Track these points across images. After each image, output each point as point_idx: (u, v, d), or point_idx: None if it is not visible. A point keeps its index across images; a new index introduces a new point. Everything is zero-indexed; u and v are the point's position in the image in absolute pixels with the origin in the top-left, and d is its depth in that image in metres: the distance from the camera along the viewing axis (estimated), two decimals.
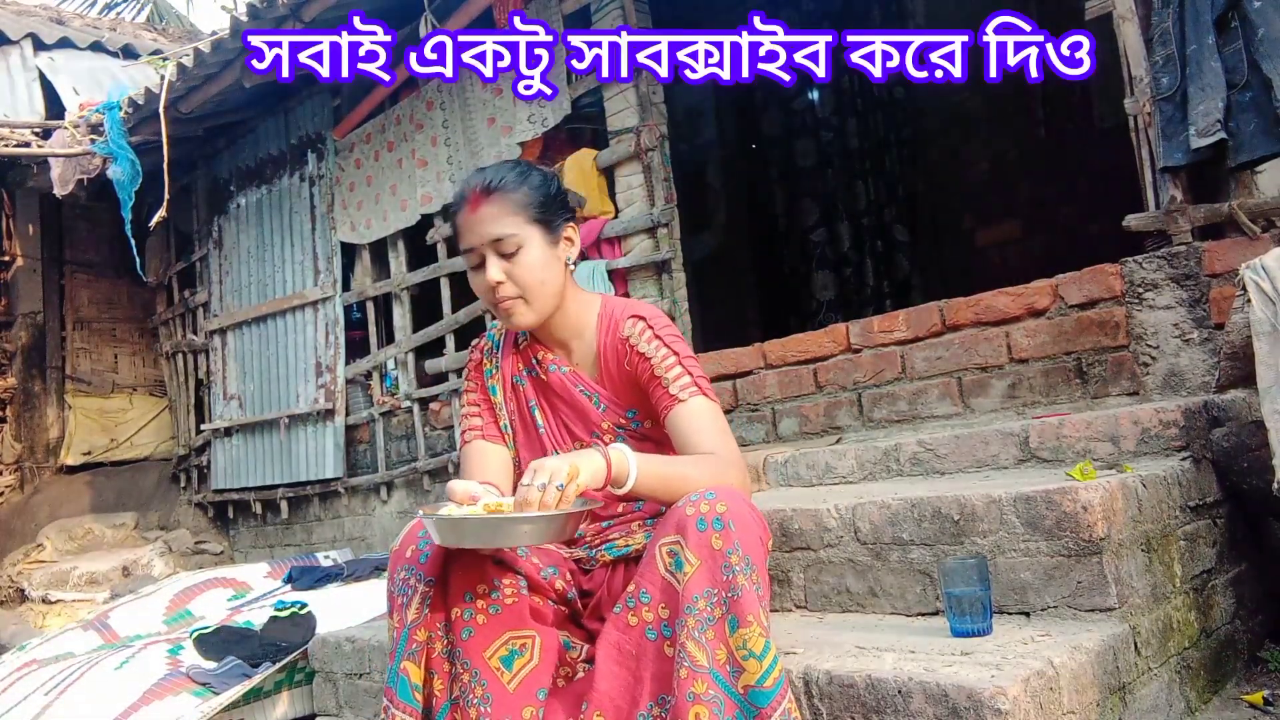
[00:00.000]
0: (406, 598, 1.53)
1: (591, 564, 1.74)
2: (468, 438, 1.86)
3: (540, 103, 4.19)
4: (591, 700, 1.46)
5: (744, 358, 3.41)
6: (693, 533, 1.40)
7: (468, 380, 1.92)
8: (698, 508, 1.42)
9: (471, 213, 1.71)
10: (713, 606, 1.37)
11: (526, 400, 1.84)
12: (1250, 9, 2.43)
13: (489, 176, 1.73)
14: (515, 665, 1.52)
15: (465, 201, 1.72)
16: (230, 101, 5.36)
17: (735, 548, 1.38)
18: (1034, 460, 2.23)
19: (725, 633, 1.36)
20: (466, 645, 1.51)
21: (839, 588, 1.99)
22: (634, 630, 1.46)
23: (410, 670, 1.51)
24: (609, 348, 1.77)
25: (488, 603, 1.54)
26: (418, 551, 1.55)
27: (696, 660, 1.35)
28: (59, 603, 5.31)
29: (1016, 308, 2.77)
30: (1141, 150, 2.67)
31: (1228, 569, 2.05)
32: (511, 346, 1.89)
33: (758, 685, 1.34)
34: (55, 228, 7.17)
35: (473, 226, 1.71)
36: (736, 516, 1.41)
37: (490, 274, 1.69)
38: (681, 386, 1.66)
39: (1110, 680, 1.57)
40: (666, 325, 1.75)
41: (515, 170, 1.75)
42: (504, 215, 1.69)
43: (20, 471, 6.95)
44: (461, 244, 1.74)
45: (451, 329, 4.72)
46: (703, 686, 1.34)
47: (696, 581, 1.38)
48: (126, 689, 2.81)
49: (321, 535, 5.47)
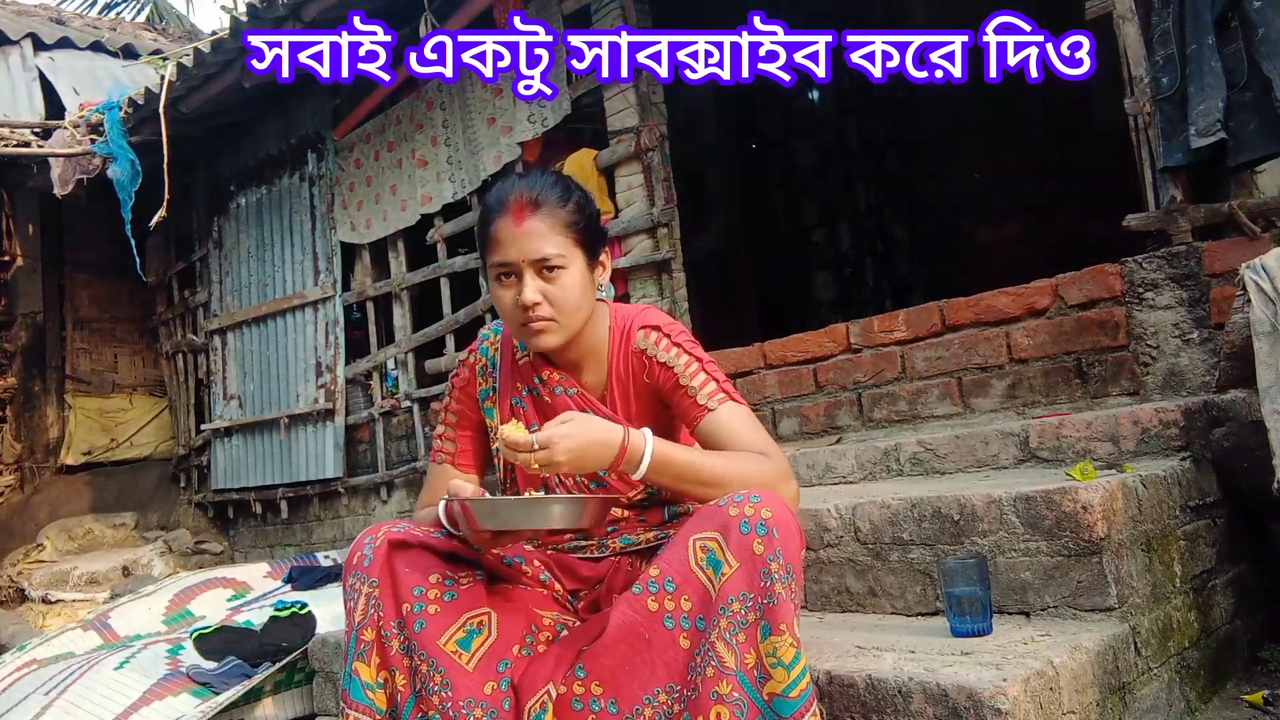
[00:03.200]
0: (354, 601, 1.56)
1: (601, 551, 1.74)
2: (438, 459, 1.82)
3: (540, 103, 4.19)
4: (592, 670, 1.46)
5: (744, 358, 3.41)
6: (735, 534, 1.39)
7: (450, 397, 1.83)
8: (742, 510, 1.40)
9: (516, 225, 1.59)
10: (747, 610, 1.36)
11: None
12: (1250, 9, 2.43)
13: (535, 188, 1.61)
14: (474, 644, 1.53)
15: (507, 210, 1.60)
16: (230, 101, 5.36)
17: (777, 554, 1.37)
18: (1034, 460, 2.24)
19: (757, 638, 1.35)
20: (420, 637, 1.51)
21: (839, 588, 1.99)
22: (653, 616, 1.45)
23: (361, 670, 1.53)
24: (622, 362, 1.72)
25: (441, 591, 1.55)
26: (362, 557, 1.57)
27: (724, 661, 1.35)
28: (59, 603, 5.31)
29: (1016, 308, 2.77)
30: (1141, 150, 2.67)
31: (1228, 569, 2.05)
32: (510, 364, 1.79)
33: (783, 695, 1.33)
34: (55, 228, 7.17)
35: (516, 240, 1.59)
36: (781, 524, 1.39)
37: (527, 294, 1.59)
38: (709, 394, 1.61)
39: (1110, 680, 1.57)
40: (681, 331, 1.71)
41: (559, 185, 1.65)
42: (551, 234, 1.59)
43: (20, 471, 6.94)
44: (496, 255, 1.61)
45: (451, 329, 4.72)
46: (727, 688, 1.34)
47: (734, 583, 1.37)
48: (126, 689, 2.81)
49: (321, 535, 5.47)
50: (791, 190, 6.41)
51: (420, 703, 1.50)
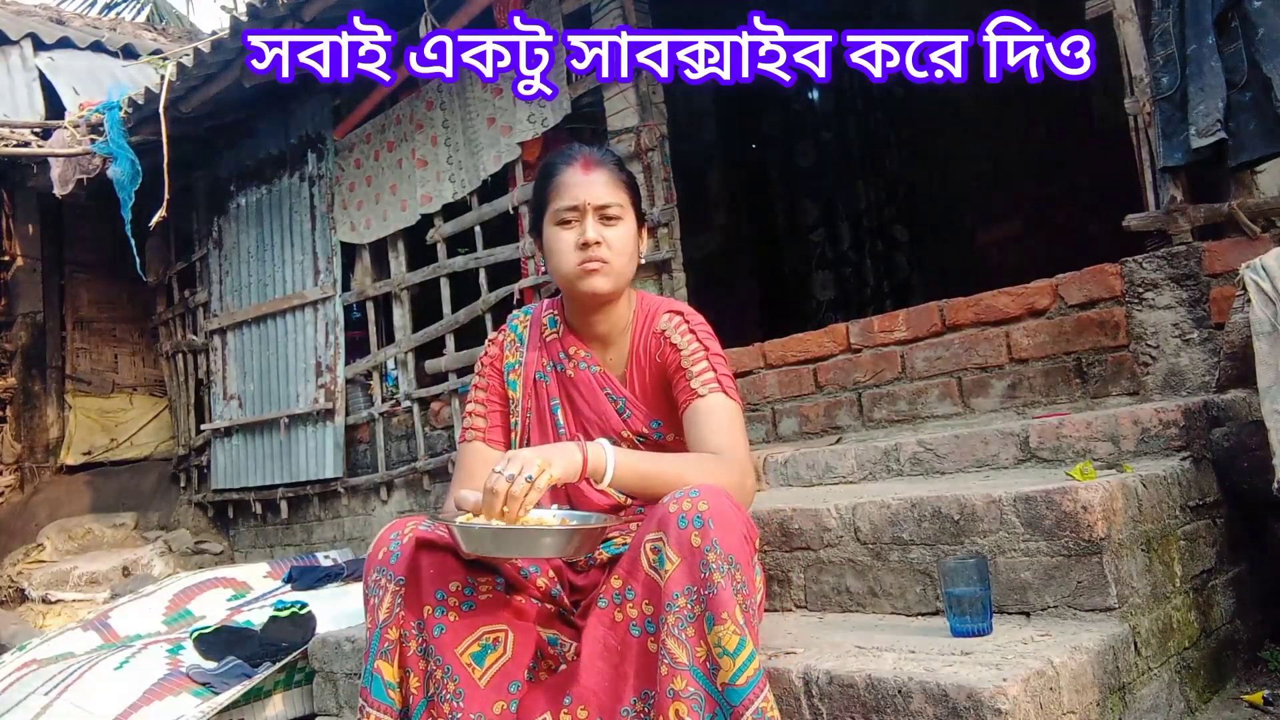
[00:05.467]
0: (378, 598, 1.55)
1: (589, 564, 1.74)
2: (468, 436, 1.85)
3: (540, 103, 4.19)
4: (575, 694, 1.47)
5: (744, 357, 3.41)
6: (674, 530, 1.41)
7: (480, 374, 1.89)
8: (680, 505, 1.42)
9: (585, 173, 1.74)
10: (692, 604, 1.38)
11: (548, 397, 1.82)
12: (1250, 9, 2.42)
13: (596, 150, 1.78)
14: (488, 660, 1.53)
15: (574, 162, 1.75)
16: (230, 101, 5.36)
17: (713, 545, 1.38)
18: (1034, 460, 2.23)
19: (704, 630, 1.37)
20: (439, 642, 1.52)
21: (839, 587, 1.99)
22: (619, 626, 1.47)
23: (384, 669, 1.53)
24: (642, 343, 1.79)
25: (460, 599, 1.55)
26: (389, 553, 1.57)
27: (677, 657, 1.36)
28: (59, 603, 5.31)
29: (1016, 308, 2.77)
30: (1141, 150, 2.67)
31: (1228, 569, 2.05)
32: (538, 339, 1.86)
33: (731, 683, 1.35)
34: (55, 228, 7.17)
35: (584, 185, 1.73)
36: (717, 515, 1.41)
37: (589, 233, 1.71)
38: (704, 381, 1.67)
39: (1110, 680, 1.57)
40: (701, 323, 1.78)
41: (613, 155, 1.82)
42: (613, 186, 1.75)
43: (20, 471, 6.94)
44: (562, 199, 1.74)
45: (451, 329, 4.73)
46: (682, 683, 1.35)
47: (677, 579, 1.39)
48: (126, 689, 2.81)
49: (321, 535, 5.47)
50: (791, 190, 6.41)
51: (431, 707, 1.51)
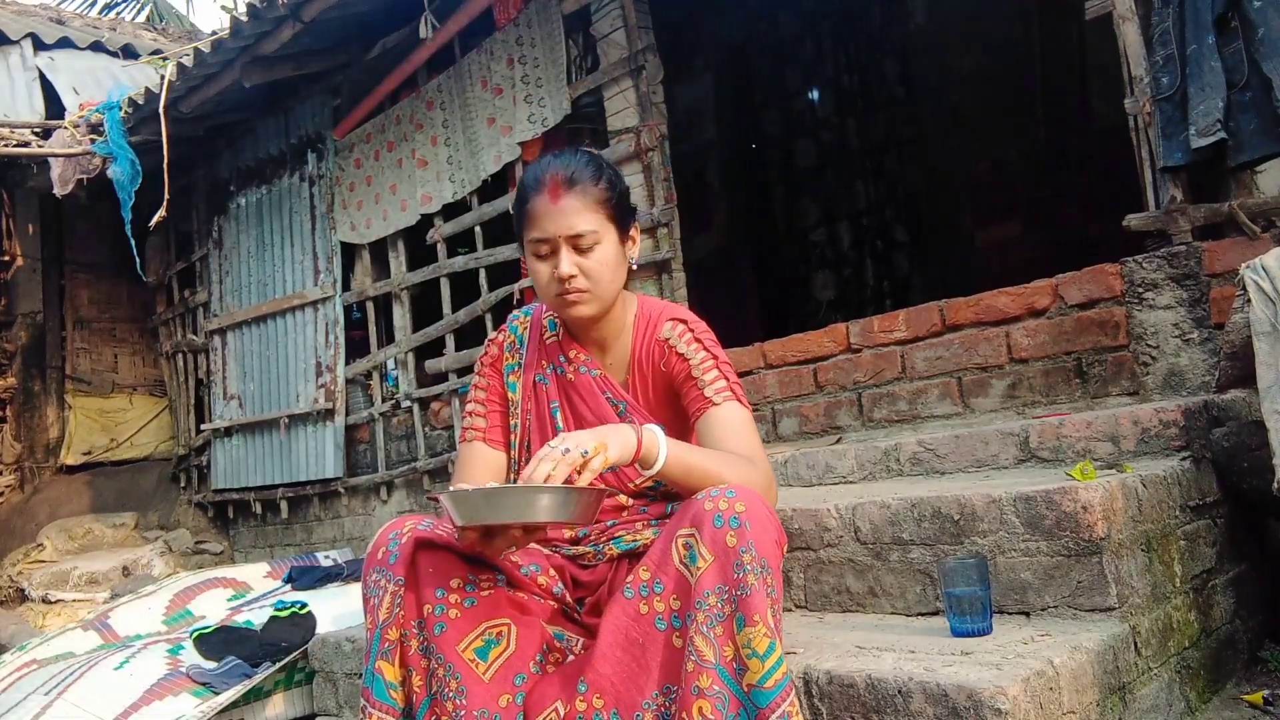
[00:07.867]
0: (378, 598, 1.54)
1: (597, 559, 1.73)
2: (468, 436, 1.84)
3: (540, 102, 4.19)
4: (590, 681, 1.46)
5: (744, 357, 3.41)
6: (709, 528, 1.40)
7: (479, 374, 1.88)
8: (716, 504, 1.42)
9: (553, 202, 1.66)
10: (723, 603, 1.37)
11: (548, 400, 1.81)
12: (1250, 9, 2.43)
13: (568, 166, 1.68)
14: (491, 655, 1.53)
15: (543, 188, 1.67)
16: (230, 101, 5.36)
17: (749, 547, 1.38)
18: (1034, 460, 2.23)
19: (733, 630, 1.36)
20: (439, 640, 1.51)
21: (839, 587, 1.99)
22: (644, 619, 1.46)
23: (385, 669, 1.52)
24: (644, 349, 1.78)
25: (461, 596, 1.55)
26: (388, 553, 1.56)
27: (704, 655, 1.36)
28: (59, 603, 5.31)
29: (1016, 307, 2.77)
30: (1141, 150, 2.67)
31: (1228, 569, 2.05)
32: (538, 341, 1.85)
33: (759, 685, 1.34)
34: (55, 228, 7.17)
35: (553, 216, 1.66)
36: (753, 517, 1.40)
37: (563, 267, 1.66)
38: (717, 390, 1.67)
39: (1110, 680, 1.57)
40: (705, 330, 1.77)
41: (591, 164, 1.72)
42: (586, 210, 1.67)
43: (20, 471, 6.95)
44: (533, 231, 1.68)
45: (451, 329, 4.73)
46: (708, 681, 1.35)
47: (709, 577, 1.39)
48: (126, 689, 2.81)
49: (321, 535, 5.47)
50: (791, 190, 6.41)
51: (434, 706, 1.50)
